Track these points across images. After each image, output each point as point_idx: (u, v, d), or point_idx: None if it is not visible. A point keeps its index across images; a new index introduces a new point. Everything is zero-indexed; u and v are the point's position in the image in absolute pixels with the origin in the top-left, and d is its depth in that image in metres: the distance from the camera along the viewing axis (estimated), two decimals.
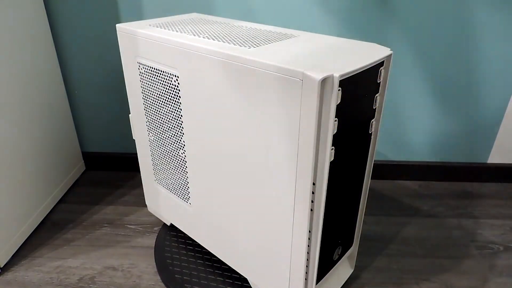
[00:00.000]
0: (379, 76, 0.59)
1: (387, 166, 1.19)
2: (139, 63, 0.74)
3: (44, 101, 1.01)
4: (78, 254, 0.91)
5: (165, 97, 0.72)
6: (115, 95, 1.14)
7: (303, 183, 0.55)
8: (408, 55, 1.03)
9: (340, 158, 0.57)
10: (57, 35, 1.06)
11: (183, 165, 0.76)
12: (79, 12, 1.03)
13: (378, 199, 1.12)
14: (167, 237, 0.93)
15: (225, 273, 0.83)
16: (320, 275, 0.67)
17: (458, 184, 1.19)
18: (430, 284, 0.83)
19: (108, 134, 1.21)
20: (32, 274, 0.85)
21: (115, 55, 1.08)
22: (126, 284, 0.83)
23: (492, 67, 1.04)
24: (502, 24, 0.98)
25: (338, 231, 0.68)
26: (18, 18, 0.90)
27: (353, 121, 0.57)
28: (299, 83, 0.49)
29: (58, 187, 1.09)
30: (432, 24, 0.99)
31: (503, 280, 0.85)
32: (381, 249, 0.93)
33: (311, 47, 0.59)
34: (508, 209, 1.08)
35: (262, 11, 1.00)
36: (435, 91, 1.08)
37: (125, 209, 1.07)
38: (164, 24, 0.75)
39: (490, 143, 1.15)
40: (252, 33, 0.68)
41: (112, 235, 0.97)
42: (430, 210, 1.07)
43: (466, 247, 0.94)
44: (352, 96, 0.54)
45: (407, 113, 1.11)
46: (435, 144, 1.16)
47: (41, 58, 0.99)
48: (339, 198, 0.63)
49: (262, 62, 0.52)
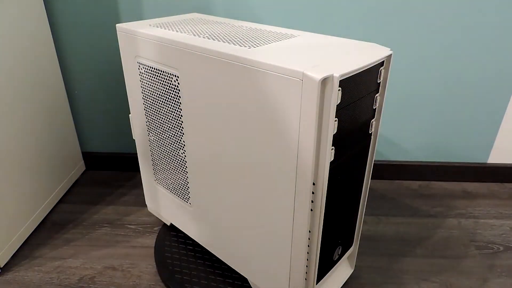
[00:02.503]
0: (379, 76, 0.59)
1: (387, 166, 1.19)
2: (139, 63, 0.74)
3: (44, 101, 1.01)
4: (78, 254, 0.91)
5: (165, 97, 0.72)
6: (115, 95, 1.14)
7: (303, 183, 0.55)
8: (408, 55, 1.03)
9: (340, 158, 0.57)
10: (57, 35, 1.06)
11: (183, 165, 0.76)
12: (79, 12, 1.03)
13: (378, 199, 1.12)
14: (167, 237, 0.93)
15: (225, 273, 0.83)
16: (320, 275, 0.67)
17: (458, 184, 1.19)
18: (430, 284, 0.83)
19: (108, 134, 1.21)
20: (32, 274, 0.85)
21: (115, 55, 1.08)
22: (126, 284, 0.83)
23: (492, 67, 1.04)
24: (502, 24, 0.98)
25: (338, 231, 0.68)
26: (18, 18, 0.90)
27: (353, 121, 0.57)
28: (299, 83, 0.49)
29: (58, 187, 1.09)
30: (432, 24, 0.99)
31: (503, 280, 0.85)
32: (381, 249, 0.93)
33: (311, 47, 0.59)
34: (508, 209, 1.08)
35: (262, 11, 1.00)
36: (435, 91, 1.08)
37: (125, 209, 1.07)
38: (164, 24, 0.75)
39: (490, 143, 1.15)
40: (252, 33, 0.68)
41: (112, 235, 0.97)
42: (430, 210, 1.07)
43: (466, 247, 0.94)
44: (352, 96, 0.54)
45: (407, 113, 1.11)
46: (435, 144, 1.16)
47: (41, 58, 0.99)
48: (339, 198, 0.63)
49: (262, 62, 0.52)
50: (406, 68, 1.05)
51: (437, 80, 1.06)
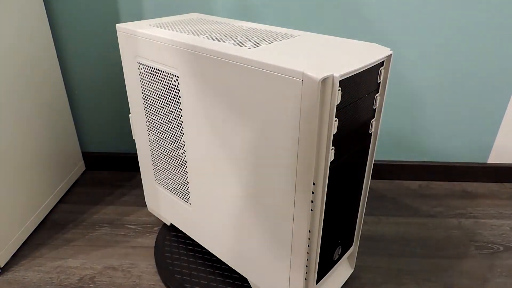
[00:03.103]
0: (379, 76, 0.59)
1: (387, 166, 1.19)
2: (139, 63, 0.74)
3: (44, 101, 1.01)
4: (78, 254, 0.91)
5: (165, 97, 0.72)
6: (115, 95, 1.14)
7: (303, 183, 0.55)
8: (408, 55, 1.03)
9: (340, 158, 0.57)
10: (57, 35, 1.06)
11: (183, 165, 0.76)
12: (79, 12, 1.03)
13: (378, 199, 1.12)
14: (167, 237, 0.93)
15: (225, 273, 0.83)
16: (320, 275, 0.67)
17: (458, 184, 1.19)
18: (430, 284, 0.83)
19: (108, 134, 1.21)
20: (32, 274, 0.85)
21: (115, 55, 1.08)
22: (126, 284, 0.83)
23: (492, 67, 1.04)
24: (502, 23, 0.98)
25: (338, 231, 0.68)
26: (18, 18, 0.90)
27: (353, 121, 0.57)
28: (299, 83, 0.49)
29: (58, 187, 1.09)
30: (432, 25, 0.99)
31: (503, 280, 0.85)
32: (381, 249, 0.93)
33: (311, 47, 0.59)
34: (508, 209, 1.08)
35: (262, 11, 1.00)
36: (435, 91, 1.08)
37: (125, 209, 1.07)
38: (164, 24, 0.75)
39: (490, 143, 1.15)
40: (252, 33, 0.68)
41: (112, 235, 0.97)
42: (430, 210, 1.07)
43: (466, 247, 0.94)
44: (352, 96, 0.54)
45: (407, 113, 1.11)
46: (435, 144, 1.16)
47: (41, 58, 0.99)
48: (339, 198, 0.63)
49: (262, 62, 0.52)
50: (406, 68, 1.05)
51: (437, 80, 1.06)
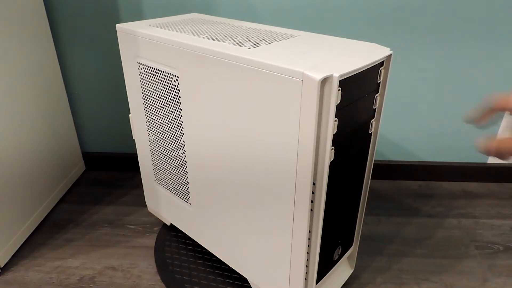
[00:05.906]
0: (379, 76, 0.59)
1: (387, 166, 1.19)
2: (139, 63, 0.74)
3: (44, 101, 1.01)
4: (78, 254, 0.91)
5: (165, 97, 0.72)
6: (115, 95, 1.14)
7: (303, 183, 0.55)
8: (408, 55, 1.03)
9: (340, 158, 0.57)
10: (57, 35, 1.06)
11: (183, 165, 0.76)
12: (79, 12, 1.03)
13: (378, 199, 1.12)
14: (167, 237, 0.93)
15: (225, 273, 0.83)
16: (320, 275, 0.67)
17: (458, 184, 1.19)
18: (430, 284, 0.83)
19: (108, 134, 1.21)
20: (32, 274, 0.85)
21: (115, 55, 1.08)
22: (126, 284, 0.83)
23: (492, 67, 1.04)
24: (502, 23, 0.98)
25: (338, 231, 0.68)
26: (17, 18, 0.90)
27: (353, 121, 0.57)
28: (299, 83, 0.49)
29: (58, 187, 1.09)
30: (432, 24, 0.99)
31: (503, 280, 0.85)
32: (381, 249, 0.93)
33: (311, 47, 0.59)
34: (508, 209, 1.08)
35: (262, 11, 1.00)
36: (435, 91, 1.08)
37: (125, 209, 1.07)
38: (164, 24, 0.75)
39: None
40: (252, 33, 0.68)
41: (112, 235, 0.97)
42: (430, 210, 1.07)
43: (466, 247, 0.94)
44: (352, 96, 0.54)
45: (407, 113, 1.11)
46: (435, 144, 1.16)
47: (41, 58, 0.99)
48: (339, 198, 0.63)
49: (262, 62, 0.52)
50: (406, 68, 1.05)
51: (437, 80, 1.06)
